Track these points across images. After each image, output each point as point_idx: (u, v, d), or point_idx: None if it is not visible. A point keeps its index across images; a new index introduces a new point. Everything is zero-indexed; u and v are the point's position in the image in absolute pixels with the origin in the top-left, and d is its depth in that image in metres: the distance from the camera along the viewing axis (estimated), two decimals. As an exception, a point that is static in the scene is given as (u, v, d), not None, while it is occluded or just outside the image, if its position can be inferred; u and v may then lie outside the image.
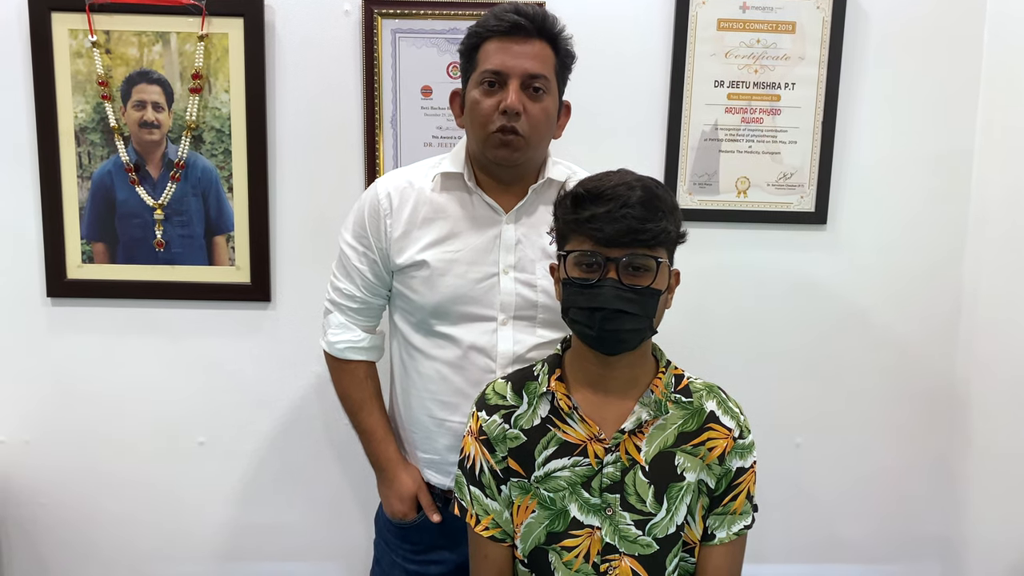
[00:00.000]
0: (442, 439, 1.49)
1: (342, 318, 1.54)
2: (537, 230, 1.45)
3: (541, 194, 1.46)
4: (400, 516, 1.54)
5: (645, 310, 1.18)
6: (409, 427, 1.55)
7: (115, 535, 2.04)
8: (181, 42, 1.86)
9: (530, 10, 1.36)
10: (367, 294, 1.52)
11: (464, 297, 1.43)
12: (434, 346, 1.47)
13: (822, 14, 1.91)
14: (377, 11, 1.86)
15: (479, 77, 1.38)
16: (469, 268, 1.43)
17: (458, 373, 1.45)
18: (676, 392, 1.28)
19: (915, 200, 2.00)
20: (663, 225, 1.17)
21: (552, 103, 1.41)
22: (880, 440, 2.09)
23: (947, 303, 2.04)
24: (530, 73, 1.36)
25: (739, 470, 1.28)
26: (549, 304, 1.44)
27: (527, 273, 1.44)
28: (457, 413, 1.47)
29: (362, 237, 1.49)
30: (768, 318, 2.03)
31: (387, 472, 1.54)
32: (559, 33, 1.40)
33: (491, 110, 1.36)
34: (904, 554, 2.13)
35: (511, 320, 1.44)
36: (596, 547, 1.25)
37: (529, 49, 1.36)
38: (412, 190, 1.47)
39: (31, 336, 1.96)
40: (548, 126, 1.42)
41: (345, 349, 1.54)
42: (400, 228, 1.46)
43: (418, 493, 1.53)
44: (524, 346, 1.44)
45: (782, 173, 1.97)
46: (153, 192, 1.91)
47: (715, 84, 1.93)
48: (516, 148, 1.38)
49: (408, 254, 1.45)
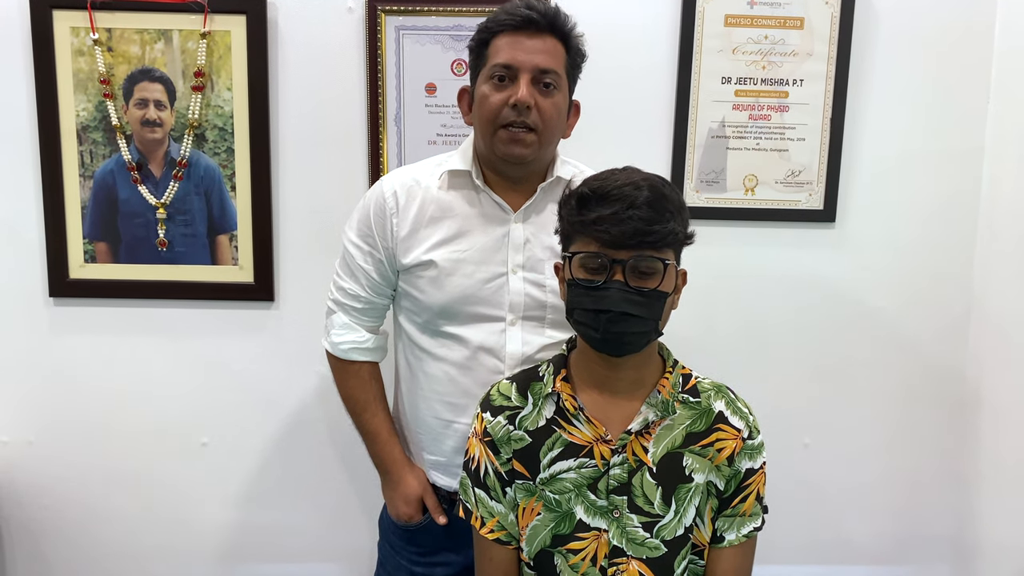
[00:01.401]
0: (449, 441, 1.48)
1: (346, 318, 1.52)
2: (546, 229, 1.43)
3: (550, 193, 1.45)
4: (405, 519, 1.52)
5: (651, 312, 1.16)
6: (415, 429, 1.53)
7: (118, 536, 2.04)
8: (183, 40, 1.84)
9: (542, 6, 1.35)
10: (372, 294, 1.50)
11: (472, 297, 1.41)
12: (441, 347, 1.45)
13: (831, 9, 1.89)
14: (381, 8, 1.84)
15: (489, 72, 1.36)
16: (477, 268, 1.41)
17: (466, 374, 1.44)
18: (684, 392, 1.26)
19: (925, 198, 1.98)
20: (670, 226, 1.15)
21: (563, 99, 1.39)
22: (889, 440, 2.07)
23: (957, 301, 2.02)
24: (541, 68, 1.34)
25: (748, 471, 1.27)
26: (558, 304, 1.41)
27: (536, 273, 1.43)
28: (465, 415, 1.45)
29: (367, 236, 1.47)
30: (776, 317, 2.01)
31: (392, 474, 1.52)
32: (571, 30, 1.38)
33: (501, 104, 1.34)
34: (913, 555, 2.12)
35: (520, 320, 1.43)
36: (603, 550, 1.24)
37: (540, 44, 1.34)
38: (419, 188, 1.45)
39: (33, 336, 1.96)
40: (559, 122, 1.40)
41: (349, 350, 1.52)
42: (407, 227, 1.44)
43: (423, 495, 1.51)
44: (533, 347, 1.43)
45: (790, 170, 1.95)
46: (155, 191, 1.89)
47: (722, 80, 1.91)
48: (527, 144, 1.36)
49: (415, 254, 1.43)
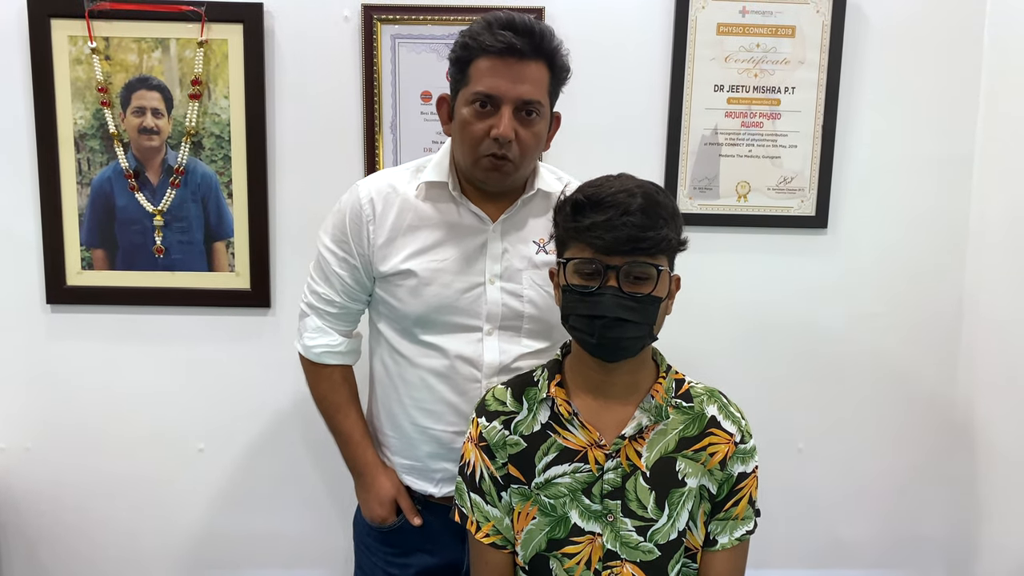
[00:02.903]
0: (424, 446, 1.47)
1: (319, 322, 1.51)
2: (524, 240, 1.44)
3: (529, 204, 1.45)
4: (379, 521, 1.51)
5: (645, 318, 1.18)
6: (390, 433, 1.52)
7: (115, 542, 2.04)
8: (181, 48, 1.86)
9: (526, 26, 1.30)
10: (346, 299, 1.49)
11: (449, 307, 1.41)
12: (421, 354, 1.44)
13: (822, 18, 1.91)
14: (376, 17, 1.86)
15: (470, 96, 1.33)
16: (455, 278, 1.41)
17: (444, 382, 1.44)
18: (677, 397, 1.28)
19: (916, 204, 2.00)
20: (664, 233, 1.16)
21: (544, 125, 1.38)
22: (883, 444, 2.08)
23: (949, 307, 2.03)
24: (524, 99, 1.31)
25: (741, 475, 1.28)
26: (535, 314, 1.43)
27: (514, 283, 1.43)
28: (441, 422, 1.45)
29: (342, 242, 1.46)
30: (769, 322, 2.02)
31: (365, 476, 1.52)
32: (555, 49, 1.34)
33: (482, 134, 1.32)
34: (908, 559, 2.12)
35: (497, 330, 1.43)
36: (597, 554, 1.25)
37: (524, 72, 1.31)
38: (396, 195, 1.44)
39: (31, 343, 1.96)
40: (538, 147, 1.39)
41: (322, 354, 1.51)
42: (384, 235, 1.43)
43: (397, 497, 1.50)
44: (510, 356, 1.43)
45: (782, 177, 1.96)
46: (153, 198, 1.90)
47: (715, 88, 1.93)
48: (506, 173, 1.36)
49: (393, 262, 1.42)
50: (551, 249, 1.42)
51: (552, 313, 1.42)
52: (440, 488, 1.48)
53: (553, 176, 1.49)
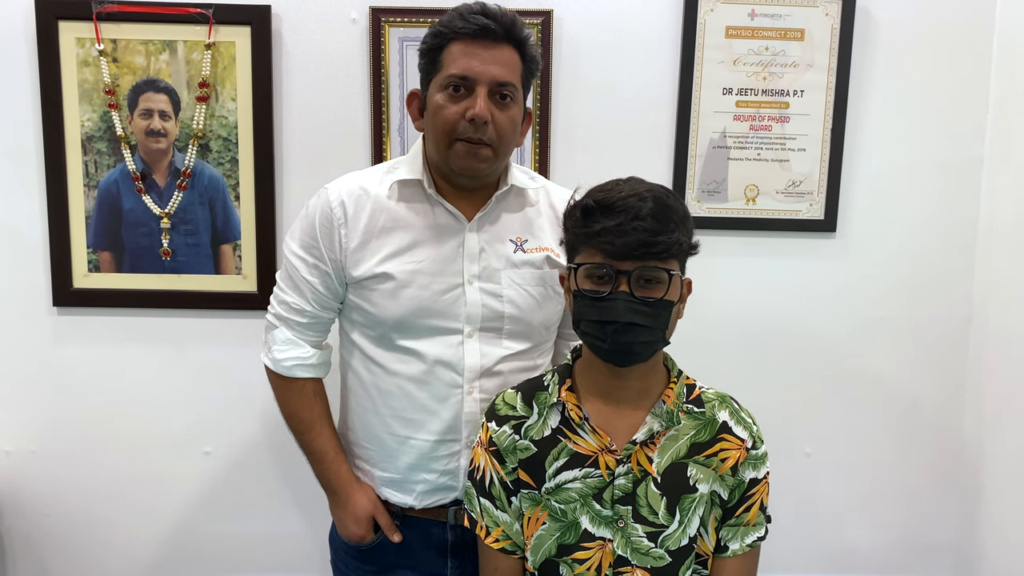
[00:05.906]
0: (404, 457, 1.42)
1: (289, 333, 1.44)
2: (500, 238, 1.41)
3: (503, 201, 1.42)
4: (356, 540, 1.46)
5: (657, 322, 1.17)
6: (366, 445, 1.47)
7: (121, 545, 2.04)
8: (188, 51, 1.85)
9: (498, 12, 1.31)
10: (318, 308, 1.43)
11: (428, 310, 1.37)
12: (397, 361, 1.39)
13: (831, 21, 1.90)
14: (384, 19, 1.86)
15: (444, 81, 1.31)
16: (433, 279, 1.37)
17: (422, 388, 1.39)
18: (688, 402, 1.27)
19: (925, 207, 1.99)
20: (675, 237, 1.16)
21: (518, 112, 1.36)
22: (891, 449, 2.07)
23: (957, 310, 2.03)
24: (498, 81, 1.30)
25: (752, 481, 1.27)
26: (516, 315, 1.40)
27: (492, 283, 1.40)
28: (422, 430, 1.40)
29: (312, 248, 1.40)
30: (777, 326, 2.02)
31: (340, 494, 1.46)
32: (526, 39, 1.34)
33: (456, 117, 1.30)
34: (916, 565, 2.12)
35: (477, 332, 1.39)
36: (608, 560, 1.24)
37: (497, 55, 1.30)
38: (367, 197, 1.39)
39: (37, 346, 1.96)
40: (514, 135, 1.37)
41: (293, 367, 1.45)
42: (357, 238, 1.38)
43: (375, 514, 1.45)
44: (491, 359, 1.40)
45: (791, 181, 1.96)
46: (159, 201, 1.90)
47: (723, 91, 1.92)
48: (483, 159, 1.33)
49: (367, 266, 1.37)
50: (528, 248, 1.41)
51: (533, 313, 1.41)
52: (421, 500, 1.43)
53: (525, 175, 1.47)
